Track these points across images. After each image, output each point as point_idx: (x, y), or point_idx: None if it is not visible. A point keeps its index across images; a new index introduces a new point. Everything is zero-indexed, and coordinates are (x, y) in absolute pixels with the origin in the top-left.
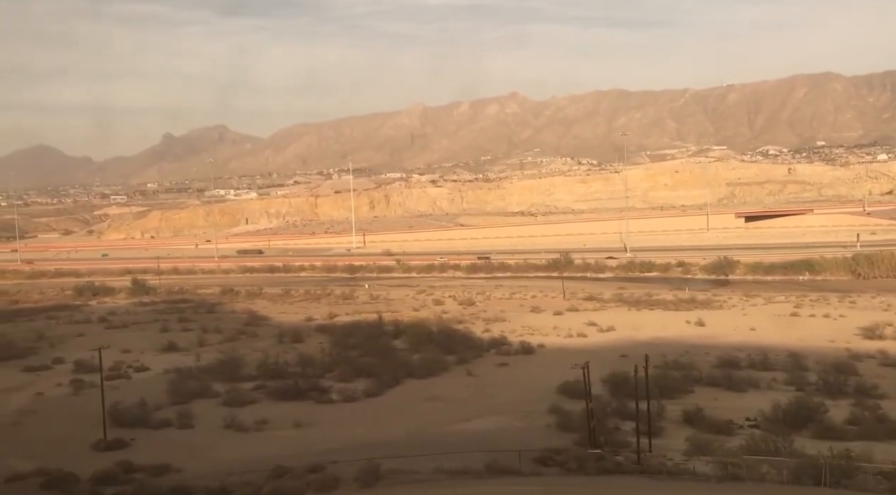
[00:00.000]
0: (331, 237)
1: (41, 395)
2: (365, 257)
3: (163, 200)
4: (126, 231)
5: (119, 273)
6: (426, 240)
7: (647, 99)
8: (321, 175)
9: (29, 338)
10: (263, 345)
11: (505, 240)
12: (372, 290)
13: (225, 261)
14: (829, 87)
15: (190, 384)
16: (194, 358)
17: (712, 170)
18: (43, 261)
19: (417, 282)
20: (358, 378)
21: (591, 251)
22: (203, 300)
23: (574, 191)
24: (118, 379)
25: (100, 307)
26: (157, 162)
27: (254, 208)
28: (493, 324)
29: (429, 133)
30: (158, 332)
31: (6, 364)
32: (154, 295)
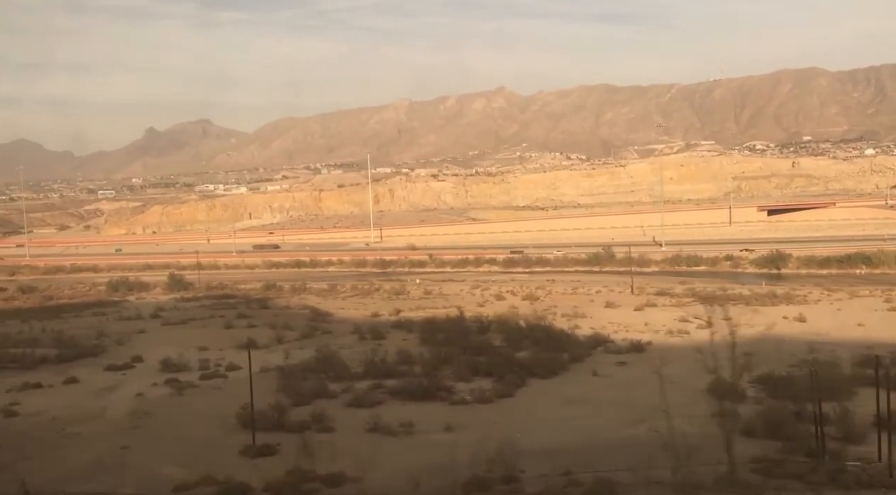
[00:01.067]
0: (346, 231)
1: (142, 396)
2: (388, 251)
3: (151, 195)
4: (126, 226)
5: (140, 268)
6: (443, 234)
7: (633, 94)
8: (308, 169)
9: (88, 334)
10: (344, 342)
11: (524, 235)
12: (423, 285)
13: (248, 256)
14: (814, 83)
15: (303, 384)
16: (282, 355)
17: (716, 164)
18: (52, 257)
19: (454, 276)
20: (475, 377)
21: (619, 245)
22: (247, 295)
23: (579, 185)
24: (214, 378)
25: (142, 302)
26: (140, 157)
27: (257, 203)
28: (574, 320)
29: (415, 127)
30: (222, 329)
31: (82, 362)
32: (193, 290)
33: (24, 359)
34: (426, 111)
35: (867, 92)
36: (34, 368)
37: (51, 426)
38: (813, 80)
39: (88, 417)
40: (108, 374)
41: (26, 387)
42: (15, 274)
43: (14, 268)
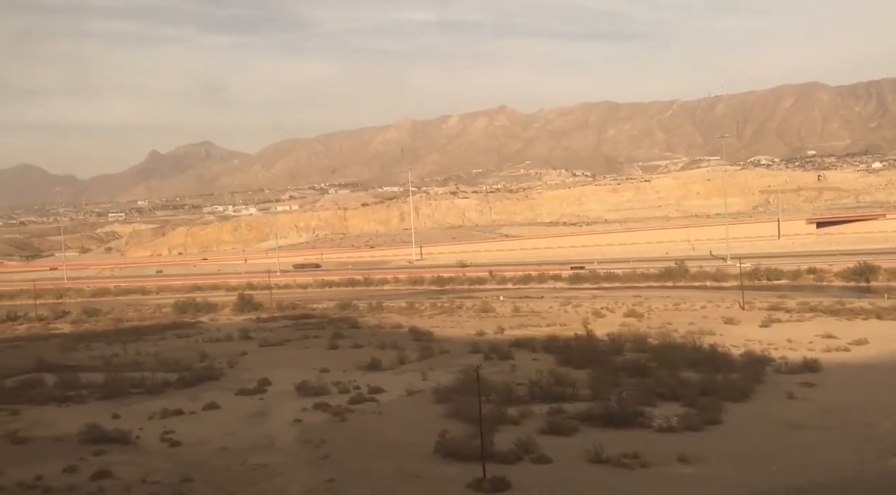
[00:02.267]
0: (385, 250)
1: (301, 423)
2: (436, 269)
3: (161, 217)
4: (151, 248)
5: (189, 289)
6: (485, 250)
7: (635, 110)
8: (314, 190)
9: (190, 357)
10: (469, 362)
11: (568, 251)
12: (508, 303)
13: (295, 276)
14: (816, 97)
15: (471, 408)
16: (418, 377)
17: (742, 178)
18: (89, 280)
19: (522, 292)
20: (656, 400)
21: (676, 260)
22: (325, 315)
23: (605, 200)
24: (364, 402)
25: (218, 324)
26: (143, 179)
27: (282, 222)
28: (704, 337)
29: (418, 147)
30: (326, 350)
31: (206, 386)
32: (265, 311)
33: (144, 384)
34: (428, 130)
35: (868, 106)
36: (159, 393)
37: (225, 456)
38: (814, 95)
39: (260, 447)
40: (243, 399)
41: (168, 414)
42: (62, 296)
43: (60, 292)
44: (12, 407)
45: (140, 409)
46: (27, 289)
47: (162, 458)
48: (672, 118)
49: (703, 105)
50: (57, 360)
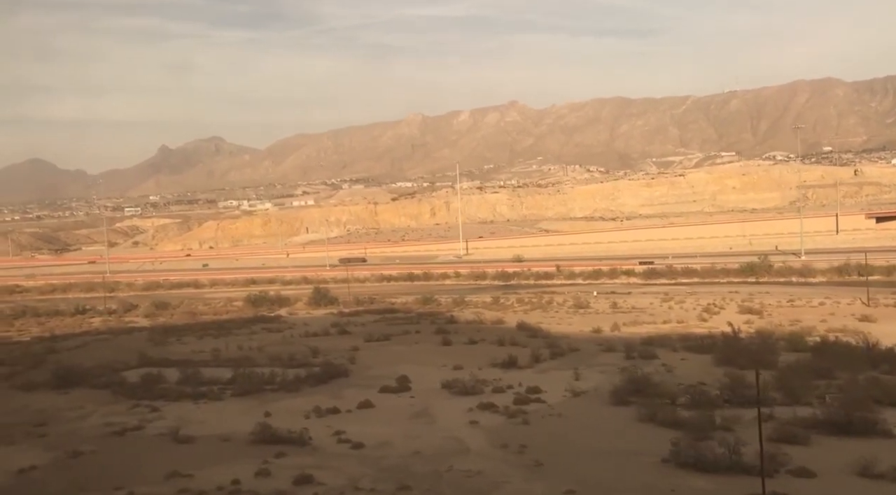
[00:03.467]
0: (429, 244)
1: (478, 425)
2: (488, 264)
3: (177, 212)
4: (181, 242)
5: (244, 283)
6: (532, 245)
7: (648, 106)
8: (326, 185)
9: (301, 352)
10: (609, 361)
11: (621, 245)
12: (602, 299)
13: (356, 270)
14: (831, 93)
15: (666, 413)
16: (569, 376)
17: (776, 172)
18: (132, 273)
19: (589, 288)
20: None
21: (740, 254)
22: (410, 309)
23: (639, 195)
24: (530, 403)
25: (301, 318)
26: (153, 174)
27: (313, 217)
28: (851, 336)
29: (429, 142)
30: (439, 345)
31: (340, 384)
32: (344, 305)
33: (274, 380)
34: (439, 126)
35: (885, 101)
36: (296, 390)
37: (423, 461)
38: (830, 91)
39: (454, 451)
40: (392, 398)
41: (323, 413)
42: (114, 290)
43: (111, 285)
44: (148, 403)
45: (287, 407)
46: (76, 282)
47: (353, 462)
48: (686, 114)
49: (717, 100)
50: (157, 354)
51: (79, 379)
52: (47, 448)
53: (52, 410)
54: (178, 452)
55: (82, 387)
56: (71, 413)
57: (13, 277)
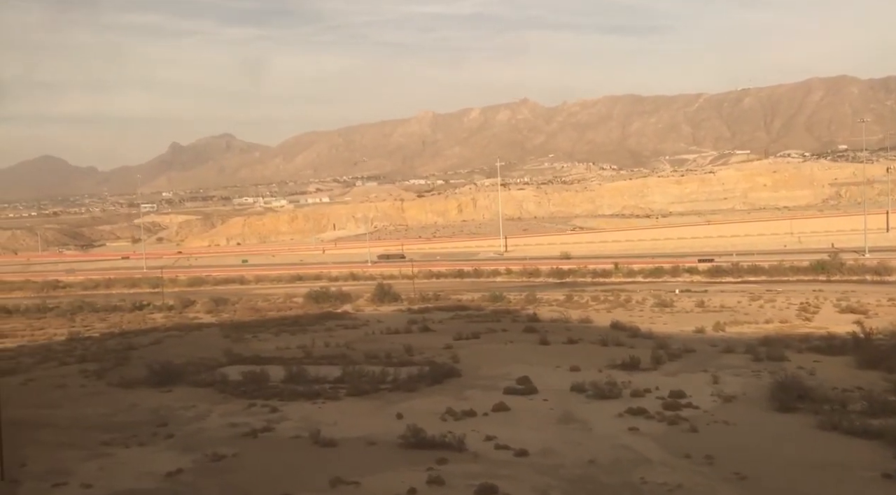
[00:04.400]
0: (467, 240)
1: (638, 431)
2: (535, 261)
3: (192, 208)
4: (208, 238)
5: (290, 279)
6: (573, 242)
7: (660, 104)
8: (338, 182)
9: (395, 350)
10: (733, 363)
11: (665, 243)
12: (685, 297)
13: (404, 266)
14: (846, 91)
15: (850, 422)
16: (704, 379)
17: (807, 170)
18: (168, 269)
19: (655, 286)
20: None
21: (797, 252)
22: (480, 306)
23: (668, 192)
24: (680, 409)
25: (370, 315)
26: (165, 171)
27: (339, 213)
28: None
29: (440, 140)
30: (536, 344)
31: (454, 384)
32: (410, 302)
33: (386, 379)
34: (450, 123)
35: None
36: (413, 390)
37: (605, 472)
38: (844, 89)
39: (634, 461)
40: (522, 400)
41: (459, 415)
42: (158, 286)
43: (154, 281)
44: (263, 402)
45: (415, 408)
46: (117, 278)
47: (527, 470)
48: (698, 111)
49: (730, 98)
50: (242, 351)
51: (176, 376)
52: (182, 450)
53: (165, 409)
54: (326, 456)
55: (181, 385)
56: (186, 412)
57: (52, 272)
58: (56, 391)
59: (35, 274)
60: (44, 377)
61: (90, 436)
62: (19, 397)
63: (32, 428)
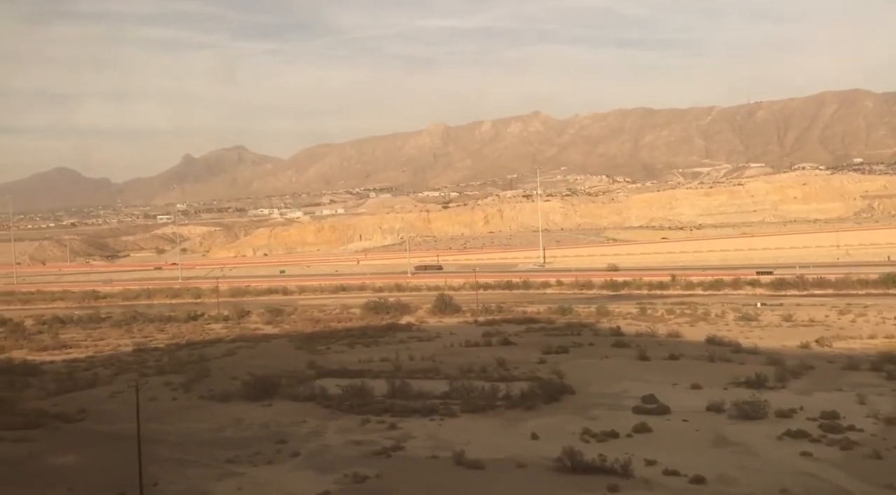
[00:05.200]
0: (503, 252)
1: (812, 457)
2: (581, 273)
3: (208, 220)
4: (234, 248)
5: (333, 290)
6: (613, 254)
7: (673, 117)
8: (350, 194)
9: (486, 363)
10: (858, 381)
11: (708, 255)
12: (770, 310)
13: (450, 278)
14: (860, 104)
15: None
16: (847, 399)
17: (837, 182)
18: (204, 279)
19: (713, 299)
20: None
21: (852, 265)
22: (550, 319)
23: (697, 204)
24: (845, 432)
25: (438, 326)
26: (177, 183)
27: (366, 224)
28: None
29: (451, 152)
30: (636, 360)
31: (571, 402)
32: (472, 313)
33: (496, 395)
34: (461, 136)
35: None
36: (532, 408)
37: None
38: (858, 102)
39: (829, 491)
40: (660, 421)
41: (601, 436)
42: (200, 296)
43: (197, 291)
44: (378, 419)
45: (548, 427)
46: (156, 288)
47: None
48: (711, 124)
49: (743, 111)
50: (323, 363)
51: (271, 389)
52: (317, 470)
53: (275, 425)
54: (480, 480)
55: (278, 399)
56: (298, 428)
57: (87, 282)
58: (149, 404)
59: (71, 284)
60: (130, 390)
61: (210, 453)
62: (114, 410)
63: (143, 443)
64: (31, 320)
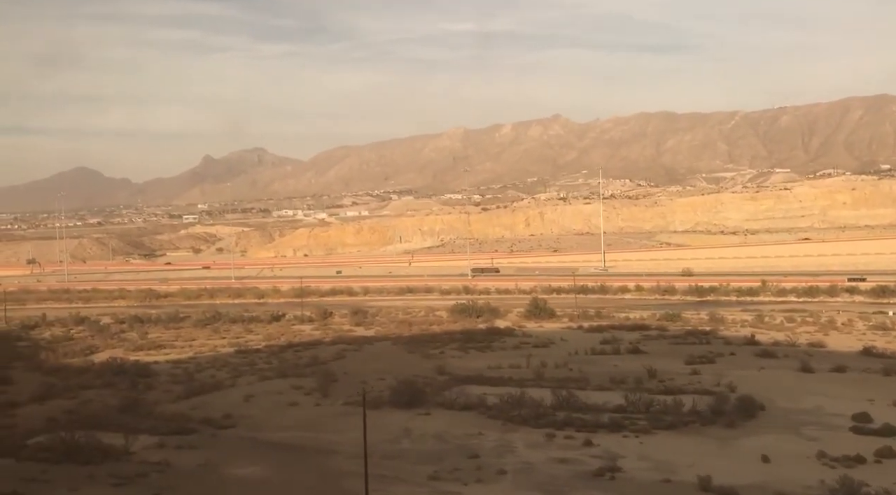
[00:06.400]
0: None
1: None
2: (652, 277)
3: (231, 220)
4: (272, 249)
5: (398, 292)
6: (677, 258)
7: (695, 121)
8: (371, 196)
9: (634, 372)
10: None
11: (776, 261)
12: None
13: (521, 281)
14: (887, 109)
15: None
16: None
17: (886, 187)
18: (256, 279)
19: (813, 306)
20: None
21: None
22: (663, 327)
23: (743, 208)
24: None
25: (537, 331)
26: (197, 183)
27: (406, 226)
28: None
29: (471, 155)
30: (798, 371)
31: (769, 419)
32: (569, 319)
33: (680, 410)
34: (481, 139)
35: None
36: (733, 425)
37: None
38: (885, 107)
39: None
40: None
41: (850, 461)
42: (263, 296)
43: (259, 291)
44: (565, 434)
45: (773, 448)
46: (216, 287)
47: None
48: (734, 129)
49: (767, 116)
50: (451, 370)
51: (420, 397)
52: (544, 491)
53: (449, 436)
54: None
55: (429, 406)
56: (478, 441)
57: (139, 281)
58: (290, 410)
59: (122, 282)
60: (260, 393)
61: (402, 467)
62: (257, 416)
63: (315, 453)
64: (107, 319)
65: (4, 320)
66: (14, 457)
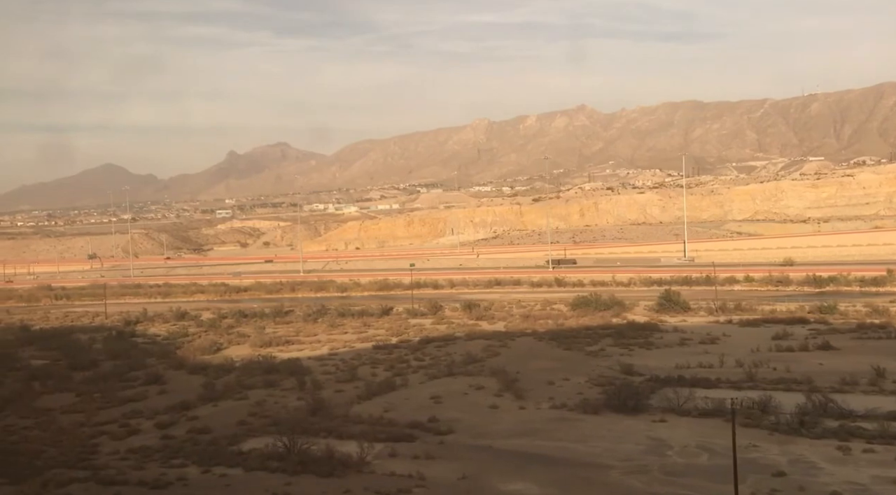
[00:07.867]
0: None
1: None
2: (747, 268)
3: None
4: (322, 242)
5: (485, 284)
6: (761, 248)
7: (723, 109)
8: (397, 189)
9: (861, 374)
10: None
11: (867, 249)
12: None
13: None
14: None
15: None
16: None
17: None
18: (325, 273)
19: None
20: None
21: None
22: (824, 320)
23: (804, 196)
24: None
25: (685, 326)
26: (222, 179)
27: (457, 217)
28: None
29: (495, 147)
30: None
31: None
32: (708, 312)
33: None
34: (505, 131)
35: None
36: None
37: None
38: None
39: None
40: None
41: None
42: (346, 290)
43: (340, 285)
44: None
45: None
46: (295, 281)
47: None
48: (763, 117)
49: (797, 104)
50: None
51: (637, 399)
52: None
53: (718, 448)
54: None
55: (657, 412)
56: (759, 455)
57: (217, 276)
58: (495, 413)
59: (191, 277)
60: (444, 394)
61: (705, 487)
62: (467, 420)
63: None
64: (207, 313)
65: (105, 315)
66: (241, 467)
